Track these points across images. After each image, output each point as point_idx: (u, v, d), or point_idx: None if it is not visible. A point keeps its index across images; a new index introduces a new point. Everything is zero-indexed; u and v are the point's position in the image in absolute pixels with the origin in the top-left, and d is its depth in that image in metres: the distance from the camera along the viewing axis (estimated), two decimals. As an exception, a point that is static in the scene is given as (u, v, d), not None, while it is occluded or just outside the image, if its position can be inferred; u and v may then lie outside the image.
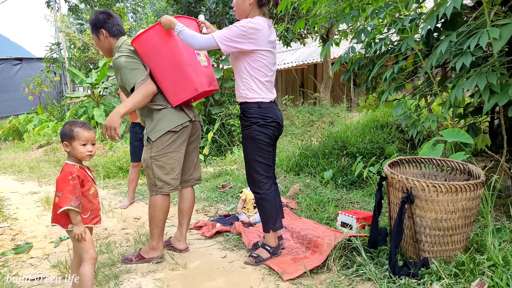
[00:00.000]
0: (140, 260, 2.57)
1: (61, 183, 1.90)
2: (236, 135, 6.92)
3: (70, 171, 1.93)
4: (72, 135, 1.95)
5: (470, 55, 2.21)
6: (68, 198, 1.87)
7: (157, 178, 2.50)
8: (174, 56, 2.41)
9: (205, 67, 2.54)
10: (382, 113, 4.95)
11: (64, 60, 13.15)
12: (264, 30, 2.28)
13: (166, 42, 2.41)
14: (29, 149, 10.35)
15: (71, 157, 2.00)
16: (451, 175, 2.46)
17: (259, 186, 2.44)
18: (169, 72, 2.44)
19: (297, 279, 2.21)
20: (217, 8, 8.95)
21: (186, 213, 2.74)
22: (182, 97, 2.46)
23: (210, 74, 2.57)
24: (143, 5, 19.01)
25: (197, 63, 2.47)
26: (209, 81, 2.52)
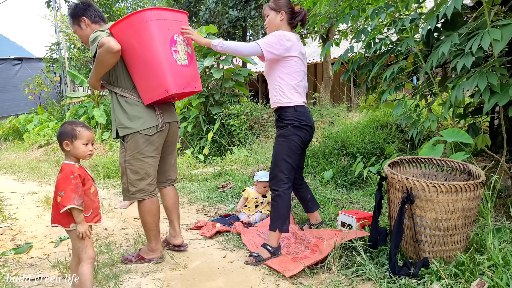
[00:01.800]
0: (139, 260, 2.57)
1: (62, 183, 1.91)
2: (236, 135, 6.92)
3: (71, 170, 1.94)
4: (75, 134, 1.96)
5: (471, 55, 2.21)
6: (71, 197, 1.88)
7: (130, 183, 2.41)
8: (146, 51, 2.19)
9: (184, 66, 2.31)
10: (382, 113, 4.95)
11: (64, 60, 13.15)
12: (295, 41, 2.51)
13: (139, 35, 2.18)
14: (29, 149, 10.35)
15: (70, 156, 2.00)
16: (451, 175, 2.46)
17: (279, 184, 2.50)
18: (142, 68, 2.25)
19: (297, 279, 2.21)
20: (217, 8, 8.95)
21: (172, 209, 2.68)
22: (152, 97, 2.29)
23: (190, 75, 2.36)
24: (143, 5, 19.01)
25: (173, 62, 2.23)
26: (187, 82, 2.32)
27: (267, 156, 5.64)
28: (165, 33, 2.23)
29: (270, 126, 7.27)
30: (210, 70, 7.26)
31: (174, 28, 2.29)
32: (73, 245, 2.02)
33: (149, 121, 2.36)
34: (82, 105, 10.76)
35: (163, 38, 2.22)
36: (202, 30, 7.44)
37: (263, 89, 15.90)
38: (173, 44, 2.25)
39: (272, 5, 2.58)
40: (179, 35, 2.33)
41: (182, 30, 2.39)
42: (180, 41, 2.32)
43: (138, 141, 2.36)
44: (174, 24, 2.29)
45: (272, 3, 2.59)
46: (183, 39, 2.36)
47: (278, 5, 2.57)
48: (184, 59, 2.33)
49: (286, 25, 2.58)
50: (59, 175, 1.96)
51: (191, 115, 7.31)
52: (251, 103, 7.35)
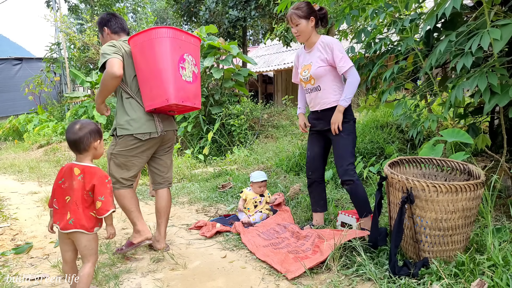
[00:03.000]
0: (129, 246, 2.60)
1: (101, 187, 1.91)
2: (236, 135, 6.92)
3: (105, 174, 1.96)
4: (101, 133, 2.01)
5: (470, 55, 2.21)
6: (110, 201, 1.92)
7: (110, 173, 2.57)
8: (156, 63, 2.41)
9: (188, 83, 2.51)
10: (382, 113, 4.95)
11: (64, 60, 13.14)
12: None
13: (154, 48, 2.41)
14: (29, 149, 10.35)
15: (88, 157, 1.98)
16: (451, 175, 2.46)
17: (352, 174, 2.63)
18: (148, 77, 2.45)
19: (297, 279, 2.21)
20: (217, 8, 8.95)
21: (163, 213, 2.75)
22: (153, 104, 2.46)
23: (191, 90, 2.54)
24: (143, 5, 19.01)
25: (178, 76, 2.43)
26: (187, 96, 2.50)
27: (267, 156, 5.64)
28: (177, 50, 2.45)
29: (270, 126, 7.27)
30: (210, 70, 7.26)
31: (185, 48, 2.52)
32: (84, 248, 1.95)
33: (146, 126, 2.53)
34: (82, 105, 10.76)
35: (175, 54, 2.43)
36: (202, 30, 7.44)
37: (263, 89, 15.90)
38: (181, 61, 2.47)
39: (300, 13, 2.60)
40: (189, 55, 2.54)
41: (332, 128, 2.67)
42: (189, 60, 2.53)
43: (130, 142, 2.53)
44: (186, 44, 2.52)
45: (299, 11, 2.60)
46: (192, 60, 2.56)
47: (306, 12, 2.61)
48: (189, 76, 2.53)
49: (314, 30, 2.68)
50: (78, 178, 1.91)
51: (191, 115, 7.31)
52: (251, 103, 7.36)
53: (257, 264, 2.50)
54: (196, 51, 2.60)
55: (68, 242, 1.97)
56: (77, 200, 1.90)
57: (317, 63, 2.67)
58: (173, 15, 11.48)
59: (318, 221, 2.96)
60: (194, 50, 2.59)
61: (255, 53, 16.40)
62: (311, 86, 2.76)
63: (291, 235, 2.81)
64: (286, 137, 6.33)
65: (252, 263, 2.51)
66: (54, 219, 1.96)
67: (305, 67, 2.79)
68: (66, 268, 2.04)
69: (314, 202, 2.99)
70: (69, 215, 1.90)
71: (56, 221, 1.94)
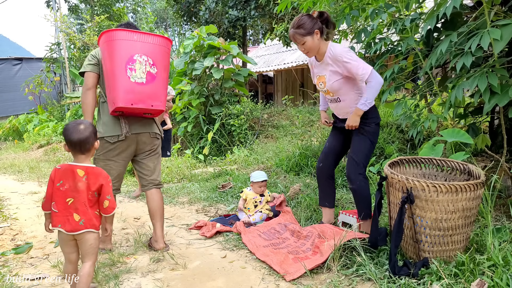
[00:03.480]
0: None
1: (107, 187, 1.95)
2: (236, 135, 6.92)
3: (107, 174, 2.00)
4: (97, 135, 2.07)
5: (470, 55, 2.21)
6: (114, 200, 2.00)
7: None
8: (107, 66, 2.42)
9: (139, 84, 2.42)
10: (382, 113, 4.95)
11: (64, 60, 13.15)
12: None
13: (105, 51, 2.41)
14: (29, 149, 10.36)
15: (90, 158, 2.00)
16: (451, 175, 2.46)
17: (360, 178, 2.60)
18: (105, 80, 2.48)
19: (297, 279, 2.21)
20: (217, 8, 8.95)
21: (155, 213, 2.75)
22: (110, 107, 2.46)
23: (145, 92, 2.44)
24: (143, 5, 19.01)
25: (125, 78, 2.37)
26: (139, 98, 2.41)
27: (267, 156, 5.64)
28: (124, 52, 2.39)
29: (270, 126, 7.27)
30: (210, 70, 7.26)
31: (138, 49, 2.43)
32: (90, 246, 1.96)
33: (112, 129, 2.56)
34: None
35: (122, 56, 2.38)
36: (202, 30, 7.44)
37: (263, 89, 15.90)
38: (130, 63, 2.39)
39: (303, 32, 2.51)
40: (143, 55, 2.44)
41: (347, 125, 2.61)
42: (141, 60, 2.44)
43: (103, 145, 2.58)
44: (139, 45, 2.43)
45: (301, 29, 2.51)
46: (147, 60, 2.46)
47: (309, 28, 2.51)
48: (140, 78, 2.43)
49: (322, 40, 2.57)
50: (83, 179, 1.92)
51: (191, 115, 7.31)
52: (251, 103, 7.35)
53: (257, 264, 2.50)
54: (155, 51, 2.49)
55: (72, 244, 1.96)
56: (85, 201, 1.91)
57: (331, 77, 2.59)
58: (173, 15, 11.48)
59: (328, 218, 2.93)
60: (152, 49, 2.48)
61: (255, 53, 16.40)
62: (330, 97, 2.72)
63: (291, 235, 2.81)
64: (286, 137, 6.33)
65: (252, 263, 2.51)
66: (55, 222, 1.93)
67: (320, 78, 2.71)
68: (70, 268, 2.03)
69: (323, 196, 2.93)
70: (79, 217, 1.91)
71: (58, 224, 1.92)
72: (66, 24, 13.21)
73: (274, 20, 8.50)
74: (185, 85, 7.40)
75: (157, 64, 2.50)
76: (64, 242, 1.96)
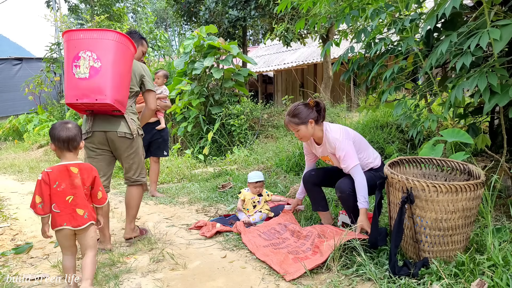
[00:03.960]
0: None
1: (98, 180, 2.12)
2: (236, 135, 6.92)
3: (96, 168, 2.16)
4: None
5: (470, 55, 2.21)
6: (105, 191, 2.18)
7: None
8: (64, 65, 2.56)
9: (82, 79, 2.45)
10: (382, 113, 4.95)
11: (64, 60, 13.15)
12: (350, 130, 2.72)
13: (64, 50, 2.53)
14: (29, 149, 10.36)
15: (77, 156, 2.13)
16: (451, 175, 2.46)
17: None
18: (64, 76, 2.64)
19: (297, 279, 2.21)
20: (217, 8, 8.95)
21: (126, 207, 2.97)
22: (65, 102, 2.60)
23: (87, 87, 2.45)
24: (143, 5, 19.00)
25: (71, 76, 2.45)
26: (82, 93, 2.45)
27: (267, 156, 5.64)
28: (71, 51, 2.48)
29: (270, 126, 7.27)
30: (210, 70, 7.26)
31: (83, 45, 2.47)
32: (91, 238, 2.09)
33: (83, 127, 2.73)
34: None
35: (69, 55, 2.48)
36: (202, 30, 7.44)
37: (263, 89, 15.91)
38: (75, 60, 2.46)
39: (297, 121, 2.64)
40: (87, 51, 2.47)
41: None
42: (85, 56, 2.47)
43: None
44: (85, 42, 2.47)
45: (296, 118, 2.64)
46: (91, 55, 2.47)
47: (302, 118, 2.63)
48: (84, 73, 2.46)
49: (316, 127, 2.69)
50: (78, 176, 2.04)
51: (191, 115, 7.31)
52: (251, 103, 7.35)
53: (257, 264, 2.50)
54: (99, 45, 2.48)
55: (73, 238, 2.08)
56: (83, 196, 2.04)
57: (334, 158, 2.74)
58: (173, 15, 11.48)
59: (327, 220, 2.95)
60: (96, 44, 2.48)
61: (255, 53, 16.40)
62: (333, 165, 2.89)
63: (291, 235, 2.81)
64: (286, 137, 6.32)
65: (252, 263, 2.51)
66: (60, 222, 2.00)
67: (324, 158, 2.87)
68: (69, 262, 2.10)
69: (314, 202, 2.99)
70: (82, 211, 2.03)
71: (63, 223, 1.99)
72: (66, 24, 13.21)
73: (274, 20, 8.50)
74: (185, 85, 7.40)
75: (101, 58, 2.48)
76: (65, 238, 2.05)
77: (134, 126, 2.80)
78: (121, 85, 2.57)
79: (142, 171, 2.96)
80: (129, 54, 2.63)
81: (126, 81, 2.65)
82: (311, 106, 2.67)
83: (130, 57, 2.65)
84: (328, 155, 2.79)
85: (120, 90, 2.56)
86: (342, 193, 2.61)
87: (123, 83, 2.60)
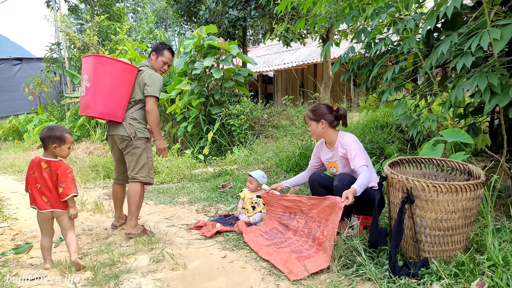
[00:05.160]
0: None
1: (62, 177, 2.43)
2: (236, 135, 6.92)
3: (67, 166, 2.48)
4: (64, 139, 2.47)
5: (470, 55, 2.21)
6: (71, 188, 2.44)
7: None
8: None
9: (82, 97, 3.08)
10: (382, 113, 4.95)
11: (64, 60, 13.13)
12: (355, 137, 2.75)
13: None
14: (29, 149, 10.36)
15: (52, 155, 2.48)
16: (451, 175, 2.46)
17: None
18: None
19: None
20: (217, 7, 8.94)
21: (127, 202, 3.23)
22: None
23: (84, 102, 3.06)
24: (143, 5, 19.00)
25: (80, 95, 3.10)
26: (83, 108, 3.08)
27: (267, 156, 5.64)
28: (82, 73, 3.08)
29: (270, 126, 7.27)
30: (210, 70, 7.26)
31: (84, 70, 3.06)
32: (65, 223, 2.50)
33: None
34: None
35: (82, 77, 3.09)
36: (202, 30, 7.44)
37: (263, 89, 15.91)
38: (82, 81, 3.08)
39: (311, 115, 2.76)
40: (84, 74, 3.05)
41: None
42: (84, 78, 3.04)
43: None
44: (85, 67, 3.05)
45: (311, 113, 2.76)
46: (86, 77, 3.03)
47: (317, 115, 2.73)
48: (83, 92, 3.06)
49: (329, 129, 2.77)
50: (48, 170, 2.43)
51: (191, 115, 7.31)
52: (251, 103, 7.35)
53: (257, 264, 2.50)
54: (89, 68, 3.00)
55: (50, 222, 2.52)
56: (50, 187, 2.43)
57: (341, 162, 2.79)
58: (173, 15, 11.47)
59: None
60: (88, 67, 3.01)
61: (255, 53, 16.40)
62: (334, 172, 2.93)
63: (294, 234, 2.80)
64: (286, 137, 6.32)
65: (252, 263, 2.51)
66: (31, 201, 2.49)
67: (331, 164, 2.90)
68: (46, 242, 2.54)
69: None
70: (46, 198, 2.45)
71: (32, 203, 2.48)
72: (66, 24, 13.20)
73: (274, 20, 8.50)
74: (185, 85, 7.40)
75: (91, 78, 3.01)
76: (41, 219, 2.50)
77: (131, 130, 3.10)
78: (109, 99, 3.00)
79: (141, 170, 3.16)
80: (116, 71, 3.00)
81: (120, 94, 3.04)
82: (332, 110, 2.77)
83: (119, 73, 3.01)
84: (336, 160, 2.83)
85: (108, 103, 3.00)
86: (339, 182, 2.60)
87: (112, 97, 3.01)
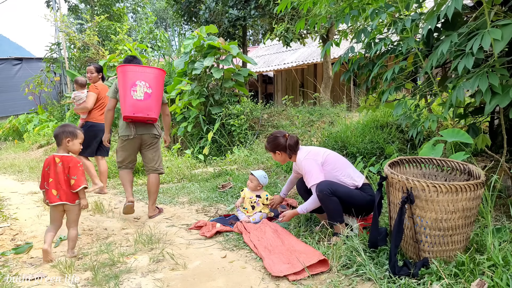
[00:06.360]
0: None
1: (74, 169, 2.64)
2: (236, 135, 6.92)
3: (78, 161, 2.69)
4: (76, 134, 2.72)
5: (471, 56, 2.21)
6: (82, 180, 2.65)
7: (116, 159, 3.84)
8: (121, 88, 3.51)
9: (139, 100, 3.46)
10: (382, 113, 4.95)
11: (64, 60, 13.14)
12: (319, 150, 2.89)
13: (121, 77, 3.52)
14: (29, 149, 10.37)
15: (65, 150, 2.69)
16: (451, 175, 2.46)
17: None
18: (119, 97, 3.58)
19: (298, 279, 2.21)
20: (217, 7, 8.94)
21: (149, 191, 3.78)
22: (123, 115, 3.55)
23: (142, 105, 3.47)
24: (143, 5, 19.00)
25: (129, 95, 3.44)
26: (138, 109, 3.46)
27: (267, 156, 5.64)
28: (130, 79, 3.48)
29: (270, 126, 7.27)
30: (210, 70, 7.25)
31: (138, 77, 3.48)
32: (73, 216, 2.70)
33: (124, 131, 3.66)
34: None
35: (128, 81, 3.47)
36: (202, 30, 7.43)
37: (263, 89, 15.91)
38: (133, 86, 3.46)
39: (268, 148, 3.05)
40: (142, 81, 3.47)
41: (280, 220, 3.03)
42: (141, 85, 3.47)
43: (120, 140, 3.74)
44: (140, 74, 3.48)
45: (268, 145, 3.04)
46: (145, 84, 3.48)
47: (272, 147, 3.00)
48: (140, 96, 3.47)
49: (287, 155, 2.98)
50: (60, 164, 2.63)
51: (191, 115, 7.31)
52: (251, 103, 7.35)
53: (257, 264, 2.50)
54: (150, 77, 3.50)
55: (60, 214, 2.69)
56: (60, 181, 2.61)
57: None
58: (173, 15, 11.47)
59: (324, 219, 2.92)
60: (149, 77, 3.50)
61: (255, 53, 16.40)
62: None
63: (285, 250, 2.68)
64: (286, 137, 6.31)
65: (252, 263, 2.51)
66: (46, 197, 2.65)
67: None
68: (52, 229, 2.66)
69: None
70: (56, 192, 2.62)
71: (46, 199, 2.64)
72: (66, 24, 13.20)
73: (274, 20, 8.50)
74: (185, 85, 7.40)
75: (152, 86, 3.52)
76: (54, 211, 2.66)
77: (159, 130, 3.77)
78: (160, 105, 3.62)
79: (161, 163, 3.83)
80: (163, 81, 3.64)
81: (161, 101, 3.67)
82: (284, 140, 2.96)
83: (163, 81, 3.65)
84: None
85: (159, 108, 3.63)
86: (320, 192, 2.65)
87: (160, 103, 3.63)
